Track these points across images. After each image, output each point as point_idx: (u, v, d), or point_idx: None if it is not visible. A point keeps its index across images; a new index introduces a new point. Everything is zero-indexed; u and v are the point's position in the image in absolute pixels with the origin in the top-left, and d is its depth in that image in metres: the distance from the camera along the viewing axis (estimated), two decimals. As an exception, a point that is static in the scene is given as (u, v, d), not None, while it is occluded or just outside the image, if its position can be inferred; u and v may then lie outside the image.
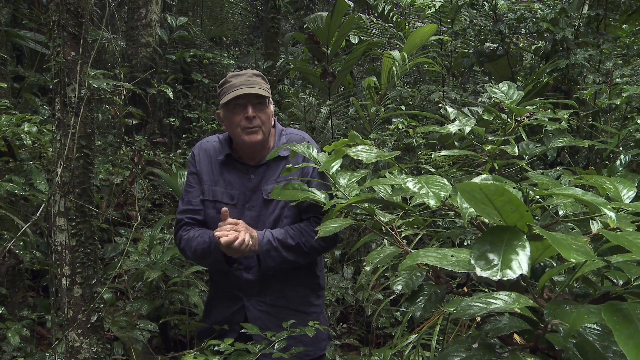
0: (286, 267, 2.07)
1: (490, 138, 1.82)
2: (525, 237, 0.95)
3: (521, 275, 0.88)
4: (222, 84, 2.08)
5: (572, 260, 0.83)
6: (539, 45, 4.77)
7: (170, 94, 4.62)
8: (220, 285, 2.21)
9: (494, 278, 0.87)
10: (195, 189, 2.16)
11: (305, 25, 6.06)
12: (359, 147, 1.49)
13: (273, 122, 2.16)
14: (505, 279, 0.87)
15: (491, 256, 0.92)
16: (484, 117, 2.05)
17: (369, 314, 3.68)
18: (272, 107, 2.12)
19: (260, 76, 2.09)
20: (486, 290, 2.62)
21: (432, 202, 1.14)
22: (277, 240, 2.01)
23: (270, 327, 2.04)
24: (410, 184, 1.24)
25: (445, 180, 1.23)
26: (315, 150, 1.76)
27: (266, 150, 2.13)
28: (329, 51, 4.91)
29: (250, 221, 2.07)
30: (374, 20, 6.77)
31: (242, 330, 1.92)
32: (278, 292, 2.14)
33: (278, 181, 2.05)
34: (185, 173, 4.14)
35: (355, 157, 1.45)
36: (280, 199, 1.67)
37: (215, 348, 1.74)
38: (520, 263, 0.88)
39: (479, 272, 0.89)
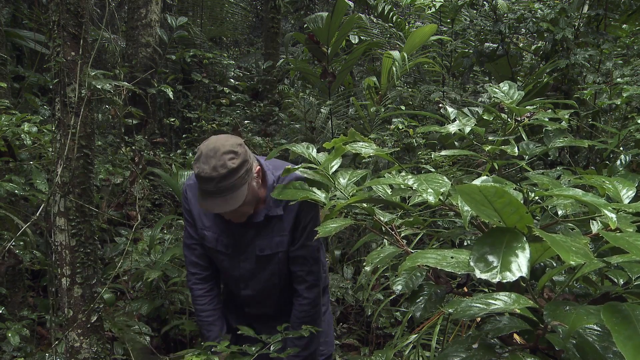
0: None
1: (490, 138, 1.82)
2: (524, 238, 0.95)
3: (521, 276, 0.88)
4: (195, 174, 1.81)
5: (572, 262, 0.82)
6: (539, 45, 4.77)
7: (171, 94, 4.62)
8: (229, 303, 2.26)
9: (493, 280, 0.87)
10: (192, 223, 2.08)
11: (305, 25, 6.05)
12: (359, 143, 1.50)
13: (258, 182, 1.92)
14: (504, 281, 0.87)
15: (490, 258, 0.92)
16: (484, 117, 2.05)
17: (369, 314, 3.67)
18: (253, 184, 1.86)
19: (231, 173, 1.76)
20: (486, 290, 2.62)
21: (430, 198, 1.14)
22: (306, 349, 2.06)
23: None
24: (410, 181, 1.25)
25: (444, 178, 1.23)
26: (314, 150, 1.75)
27: (260, 204, 1.96)
28: (329, 51, 4.91)
29: (246, 273, 2.05)
30: (374, 20, 6.77)
31: (239, 332, 1.94)
32: (285, 317, 2.13)
33: (272, 236, 1.98)
34: (185, 173, 4.16)
35: (353, 151, 1.45)
36: (281, 198, 1.66)
37: (212, 349, 1.74)
38: (520, 265, 0.88)
39: (478, 274, 0.89)
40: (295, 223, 1.97)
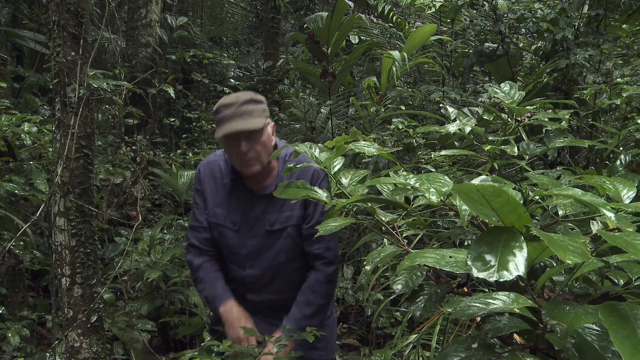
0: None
1: (490, 138, 1.82)
2: (522, 238, 0.95)
3: (519, 276, 0.88)
4: (215, 112, 1.96)
5: (569, 261, 0.82)
6: (539, 45, 4.77)
7: (172, 93, 4.62)
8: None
9: (491, 279, 0.87)
10: (201, 206, 2.12)
11: (305, 25, 6.05)
12: (361, 142, 1.50)
13: (273, 143, 2.03)
14: (501, 280, 0.87)
15: (488, 257, 0.92)
16: (484, 117, 2.05)
17: (369, 314, 3.67)
18: (269, 130, 1.98)
19: (253, 101, 1.93)
20: (486, 290, 2.62)
21: (433, 198, 1.14)
22: (300, 322, 1.99)
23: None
24: (412, 180, 1.25)
25: (446, 178, 1.23)
26: (317, 150, 1.76)
27: (270, 177, 2.04)
28: (329, 51, 4.91)
29: (253, 250, 2.05)
30: (374, 20, 6.77)
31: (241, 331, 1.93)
32: (285, 311, 2.10)
33: (281, 210, 2.00)
34: (185, 173, 4.17)
35: (356, 150, 1.46)
36: (284, 197, 1.66)
37: (215, 349, 1.74)
38: (517, 264, 0.88)
39: (475, 273, 0.89)
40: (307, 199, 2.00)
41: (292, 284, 2.11)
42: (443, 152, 1.77)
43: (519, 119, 1.75)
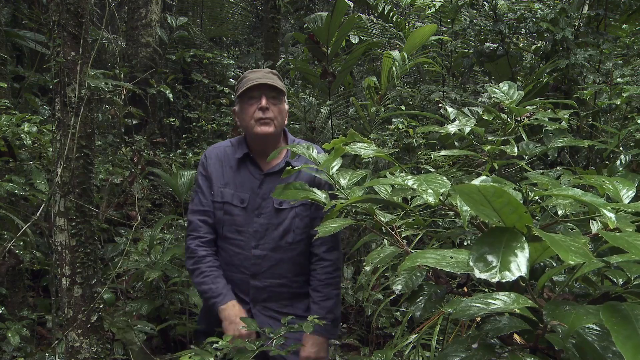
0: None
1: (490, 138, 1.82)
2: (524, 238, 0.95)
3: (520, 276, 0.88)
4: (239, 80, 2.15)
5: (570, 262, 0.82)
6: (539, 45, 4.77)
7: (170, 95, 4.62)
8: (232, 278, 2.21)
9: (493, 280, 0.87)
10: (204, 190, 2.16)
11: (305, 25, 6.06)
12: (358, 144, 1.50)
13: (286, 122, 2.17)
14: (503, 280, 0.87)
15: (490, 258, 0.92)
16: (484, 117, 2.05)
17: (369, 314, 3.67)
18: (285, 106, 2.15)
19: (276, 74, 2.15)
20: (486, 290, 2.62)
21: (430, 199, 1.14)
22: (331, 313, 2.10)
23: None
24: (410, 181, 1.25)
25: (444, 178, 1.23)
26: (315, 151, 1.77)
27: (279, 157, 2.14)
28: (329, 51, 4.90)
29: (259, 228, 2.07)
30: (374, 20, 6.77)
31: (242, 327, 1.93)
32: (286, 300, 2.14)
33: None
34: (185, 173, 4.16)
35: (353, 153, 1.46)
36: (282, 198, 1.67)
37: (214, 346, 1.73)
38: (519, 265, 0.88)
39: (477, 274, 0.89)
40: (314, 184, 2.02)
41: (296, 269, 2.12)
42: (443, 152, 1.77)
43: (519, 119, 1.75)
